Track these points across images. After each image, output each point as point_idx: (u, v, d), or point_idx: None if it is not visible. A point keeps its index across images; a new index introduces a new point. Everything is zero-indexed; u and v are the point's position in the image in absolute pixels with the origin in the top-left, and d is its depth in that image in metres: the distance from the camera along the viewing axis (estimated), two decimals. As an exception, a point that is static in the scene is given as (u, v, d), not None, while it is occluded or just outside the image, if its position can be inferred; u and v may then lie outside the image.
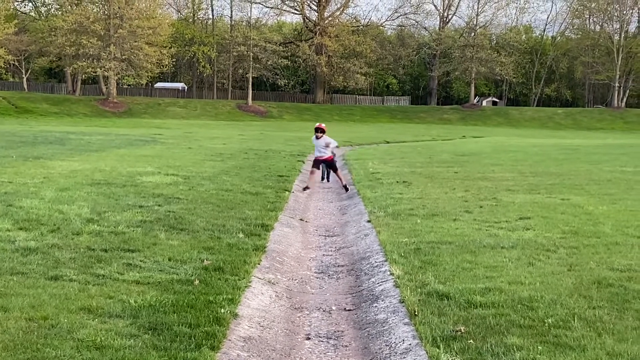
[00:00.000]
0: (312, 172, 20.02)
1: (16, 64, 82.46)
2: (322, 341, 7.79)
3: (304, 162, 26.64)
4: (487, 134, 61.37)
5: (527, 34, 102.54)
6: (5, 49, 73.12)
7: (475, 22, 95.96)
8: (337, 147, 21.00)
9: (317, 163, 19.99)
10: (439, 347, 6.72)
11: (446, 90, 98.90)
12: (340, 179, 20.34)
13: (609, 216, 14.42)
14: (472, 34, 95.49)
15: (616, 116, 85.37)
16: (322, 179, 22.64)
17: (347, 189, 19.79)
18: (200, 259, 9.93)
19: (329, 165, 20.62)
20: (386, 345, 7.33)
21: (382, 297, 8.99)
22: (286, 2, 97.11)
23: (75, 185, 16.97)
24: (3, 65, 76.43)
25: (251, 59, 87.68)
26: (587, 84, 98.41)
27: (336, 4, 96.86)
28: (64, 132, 41.77)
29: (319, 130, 20.01)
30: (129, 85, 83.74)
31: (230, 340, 6.94)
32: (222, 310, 7.59)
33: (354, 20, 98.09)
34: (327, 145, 19.87)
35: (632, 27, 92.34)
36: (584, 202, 16.49)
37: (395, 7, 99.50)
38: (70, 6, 79.54)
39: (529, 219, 13.90)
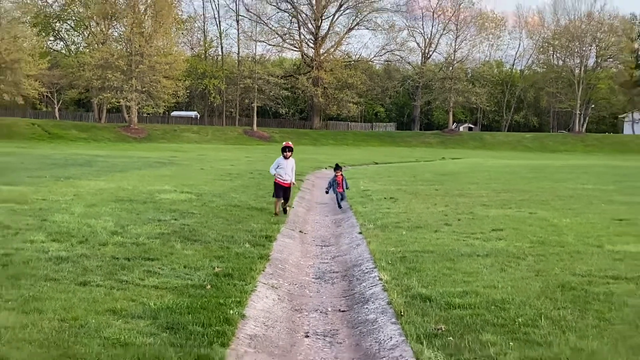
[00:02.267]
0: (277, 201, 16.52)
1: (49, 95, 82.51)
2: (319, 339, 7.84)
3: (302, 181, 26.61)
4: (464, 156, 61.43)
5: (499, 68, 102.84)
6: (39, 82, 73.19)
7: (453, 58, 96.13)
8: (294, 183, 17.38)
9: (279, 190, 16.40)
10: (422, 344, 6.75)
11: (428, 117, 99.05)
12: (284, 206, 16.77)
13: (571, 228, 14.46)
14: (450, 68, 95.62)
15: (577, 140, 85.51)
16: (339, 207, 19.76)
17: (276, 214, 16.14)
18: (211, 266, 9.97)
19: (286, 191, 16.60)
20: (376, 342, 7.38)
21: (372, 299, 9.03)
22: (287, 41, 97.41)
23: (102, 201, 16.97)
24: (37, 97, 76.47)
25: (256, 91, 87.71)
26: (552, 112, 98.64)
27: (331, 42, 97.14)
28: (91, 155, 41.76)
29: (288, 149, 16.54)
30: (148, 113, 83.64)
31: (238, 338, 6.98)
32: (231, 312, 7.63)
33: (346, 56, 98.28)
34: (292, 170, 16.64)
35: (591, 62, 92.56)
36: (549, 216, 16.52)
37: (383, 45, 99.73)
38: (97, 44, 79.61)
39: (501, 231, 13.93)
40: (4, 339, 6.31)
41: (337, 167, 20.11)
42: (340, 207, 19.69)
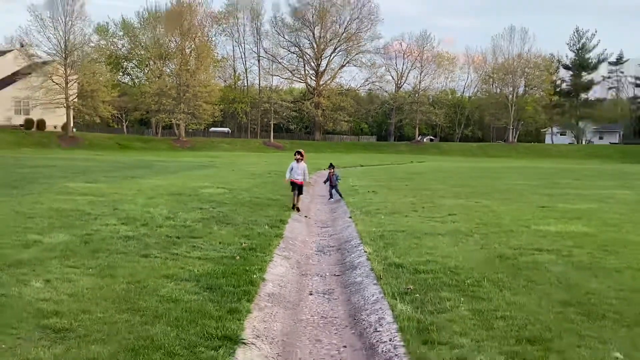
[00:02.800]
0: (294, 195, 15.77)
1: (119, 116, 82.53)
2: (320, 296, 7.88)
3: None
4: (427, 160, 61.39)
5: (452, 95, 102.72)
6: (112, 106, 73.31)
7: (418, 87, 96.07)
8: (309, 180, 16.62)
9: (294, 186, 15.67)
10: (396, 299, 6.79)
11: (400, 131, 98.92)
12: (297, 200, 15.84)
13: (507, 213, 14.50)
14: (417, 94, 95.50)
15: (511, 148, 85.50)
16: (330, 197, 19.55)
17: (294, 208, 15.42)
18: (240, 242, 10.00)
19: (299, 189, 15.85)
20: (362, 298, 7.41)
21: (359, 266, 9.06)
22: (295, 75, 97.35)
23: (158, 195, 16.99)
24: (110, 117, 76.60)
25: (272, 112, 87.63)
26: (492, 127, 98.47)
27: (328, 76, 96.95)
28: (151, 160, 41.79)
29: (298, 154, 15.77)
30: (192, 129, 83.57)
31: (260, 295, 7.02)
32: (254, 276, 7.67)
33: (339, 86, 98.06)
34: (303, 172, 15.68)
35: (521, 90, 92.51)
36: (490, 204, 16.54)
37: (366, 77, 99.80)
38: (154, 78, 79.65)
39: (455, 215, 13.95)
40: (86, 297, 6.35)
41: (331, 166, 19.98)
42: (331, 197, 19.53)
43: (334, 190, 19.46)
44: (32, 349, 4.83)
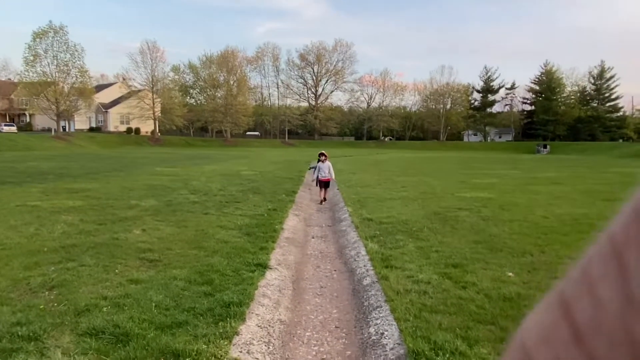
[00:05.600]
0: (321, 191, 12.10)
1: (187, 125, 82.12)
2: (318, 239, 7.87)
3: (309, 165, 26.56)
4: (387, 153, 61.30)
5: (404, 110, 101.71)
6: (183, 118, 73.05)
7: (382, 105, 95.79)
8: (333, 177, 12.54)
9: (321, 184, 12.08)
10: (368, 240, 6.81)
11: (370, 133, 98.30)
12: (325, 195, 12.11)
13: (439, 185, 14.50)
14: (381, 109, 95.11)
15: (441, 144, 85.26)
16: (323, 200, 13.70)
17: (322, 202, 11.82)
18: (266, 205, 9.98)
19: (326, 184, 12.09)
20: (346, 240, 7.41)
21: (344, 220, 9.05)
22: (301, 97, 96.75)
23: (214, 175, 16.98)
24: (182, 125, 76.27)
25: (287, 122, 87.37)
26: (429, 130, 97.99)
27: (323, 97, 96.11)
28: (207, 154, 41.68)
29: (322, 155, 12.48)
30: (235, 133, 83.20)
31: (280, 238, 7.02)
32: (276, 226, 7.68)
33: (330, 104, 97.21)
34: (329, 169, 12.18)
35: (448, 106, 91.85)
36: (428, 180, 16.55)
37: (348, 98, 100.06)
38: (210, 100, 79.22)
39: (406, 187, 13.96)
40: (169, 239, 6.36)
41: (321, 154, 16.08)
42: (324, 200, 12.68)
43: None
44: (134, 272, 4.86)
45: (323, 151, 12.68)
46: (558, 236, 6.90)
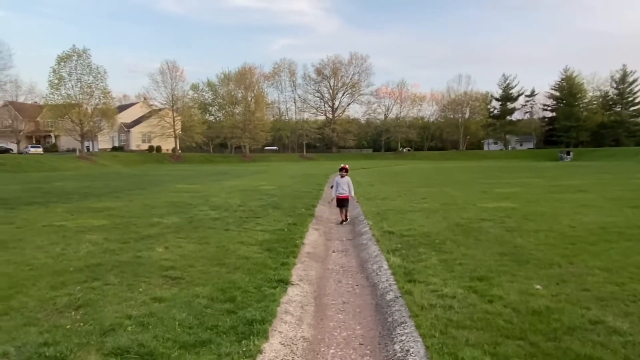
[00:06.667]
0: (340, 211, 10.89)
1: (207, 141, 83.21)
2: (339, 253, 7.81)
3: (327, 179, 26.56)
4: (406, 164, 60.93)
5: (422, 120, 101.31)
6: (202, 135, 74.11)
7: (399, 116, 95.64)
8: (354, 196, 11.09)
9: (338, 202, 10.78)
10: (389, 254, 6.73)
11: (388, 144, 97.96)
12: (346, 216, 10.84)
13: (460, 196, 14.31)
14: (398, 120, 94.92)
15: (461, 154, 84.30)
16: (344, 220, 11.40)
17: (342, 223, 10.62)
18: (286, 220, 9.97)
19: (344, 202, 10.72)
20: (367, 254, 7.34)
21: (364, 233, 8.98)
22: (318, 111, 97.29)
23: (233, 190, 17.10)
24: (202, 142, 77.36)
25: (305, 135, 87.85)
26: (448, 140, 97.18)
27: (340, 110, 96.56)
28: (227, 169, 42.11)
29: (344, 170, 11.09)
30: (253, 148, 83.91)
31: (301, 253, 6.99)
32: (297, 241, 7.65)
33: (347, 117, 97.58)
34: (347, 185, 10.85)
35: (467, 115, 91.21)
36: (449, 190, 16.36)
37: (365, 110, 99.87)
38: (228, 117, 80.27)
39: (426, 198, 13.82)
40: (191, 256, 6.39)
41: (342, 168, 12.24)
42: (345, 219, 10.99)
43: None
44: (157, 290, 4.90)
45: (345, 165, 11.36)
46: (586, 246, 6.71)
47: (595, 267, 5.57)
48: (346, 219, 10.81)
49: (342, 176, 11.07)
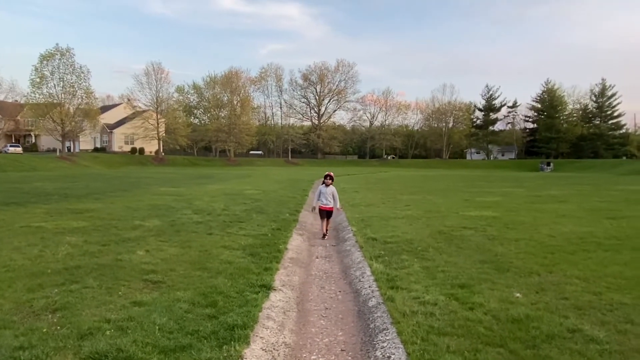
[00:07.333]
0: (322, 221, 9.84)
1: (191, 144, 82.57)
2: (323, 259, 7.81)
3: (312, 184, 26.55)
4: (390, 171, 61.32)
5: (406, 128, 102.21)
6: (187, 138, 73.49)
7: (384, 123, 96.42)
8: (339, 207, 10.24)
9: (322, 214, 9.78)
10: (372, 260, 6.75)
11: (373, 151, 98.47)
12: (327, 228, 9.74)
13: (443, 204, 14.44)
14: (383, 128, 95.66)
15: (444, 162, 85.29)
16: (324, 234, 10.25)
17: (323, 237, 9.53)
18: (270, 225, 9.93)
19: (329, 214, 9.75)
20: (350, 260, 7.35)
21: (348, 240, 8.99)
22: (304, 117, 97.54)
23: (217, 195, 16.98)
24: (185, 145, 76.72)
25: (290, 141, 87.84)
26: (432, 148, 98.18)
27: (325, 117, 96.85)
28: (212, 173, 41.82)
29: (329, 178, 9.92)
30: (238, 152, 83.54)
31: (284, 259, 6.97)
32: (281, 246, 7.62)
33: (333, 123, 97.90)
34: (332, 195, 9.74)
35: (450, 124, 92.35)
36: (432, 198, 16.50)
37: (351, 117, 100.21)
38: (213, 120, 79.90)
39: (409, 206, 13.91)
40: (172, 260, 6.31)
41: (327, 175, 10.99)
42: (325, 234, 9.86)
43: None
44: (137, 294, 4.82)
45: (330, 172, 10.08)
46: (565, 255, 6.83)
47: (573, 276, 5.67)
48: (326, 233, 9.60)
49: (327, 185, 9.82)
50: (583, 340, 3.77)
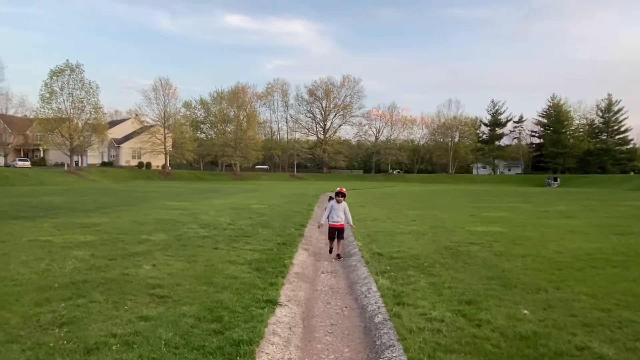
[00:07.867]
0: (332, 241, 9.13)
1: (197, 159, 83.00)
2: (328, 274, 7.77)
3: (318, 199, 26.53)
4: (396, 186, 61.21)
5: (412, 143, 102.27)
6: (193, 153, 73.93)
7: (389, 138, 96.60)
8: (350, 224, 9.29)
9: (332, 232, 9.00)
10: (379, 276, 6.72)
11: (378, 166, 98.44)
12: (340, 247, 8.99)
13: (449, 219, 14.38)
14: (389, 142, 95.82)
15: (450, 177, 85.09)
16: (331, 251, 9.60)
17: (338, 257, 8.81)
18: (276, 239, 9.92)
19: (340, 232, 8.96)
20: (356, 276, 7.31)
21: (354, 254, 8.95)
22: (310, 132, 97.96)
23: (223, 209, 17.02)
24: (192, 159, 77.12)
25: (296, 155, 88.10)
26: (438, 163, 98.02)
27: (331, 131, 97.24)
28: (218, 187, 41.93)
29: (341, 195, 8.92)
30: (244, 167, 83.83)
31: (289, 273, 6.95)
32: (286, 261, 7.60)
33: (339, 138, 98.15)
34: (344, 212, 8.99)
35: (456, 139, 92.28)
36: (438, 213, 16.44)
37: (356, 132, 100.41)
38: (220, 135, 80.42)
39: (415, 221, 13.87)
40: (179, 275, 6.32)
41: (339, 192, 10.14)
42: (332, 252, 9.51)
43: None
44: (144, 308, 4.83)
45: (342, 189, 9.09)
46: (572, 272, 6.77)
47: (581, 292, 5.61)
48: (339, 255, 8.89)
49: (339, 201, 9.04)
50: (592, 358, 3.72)
